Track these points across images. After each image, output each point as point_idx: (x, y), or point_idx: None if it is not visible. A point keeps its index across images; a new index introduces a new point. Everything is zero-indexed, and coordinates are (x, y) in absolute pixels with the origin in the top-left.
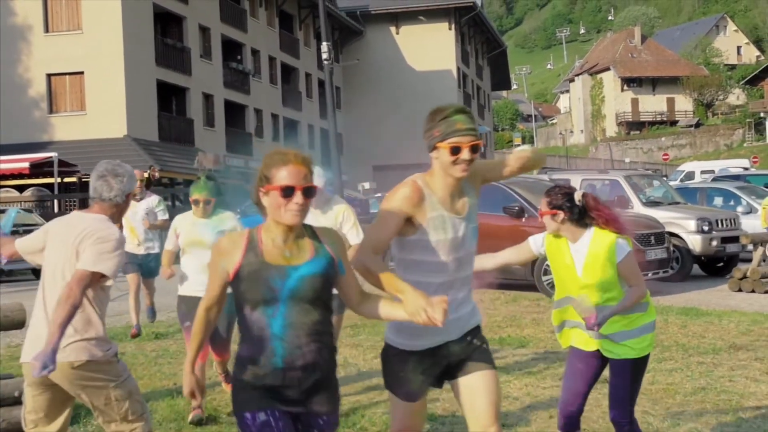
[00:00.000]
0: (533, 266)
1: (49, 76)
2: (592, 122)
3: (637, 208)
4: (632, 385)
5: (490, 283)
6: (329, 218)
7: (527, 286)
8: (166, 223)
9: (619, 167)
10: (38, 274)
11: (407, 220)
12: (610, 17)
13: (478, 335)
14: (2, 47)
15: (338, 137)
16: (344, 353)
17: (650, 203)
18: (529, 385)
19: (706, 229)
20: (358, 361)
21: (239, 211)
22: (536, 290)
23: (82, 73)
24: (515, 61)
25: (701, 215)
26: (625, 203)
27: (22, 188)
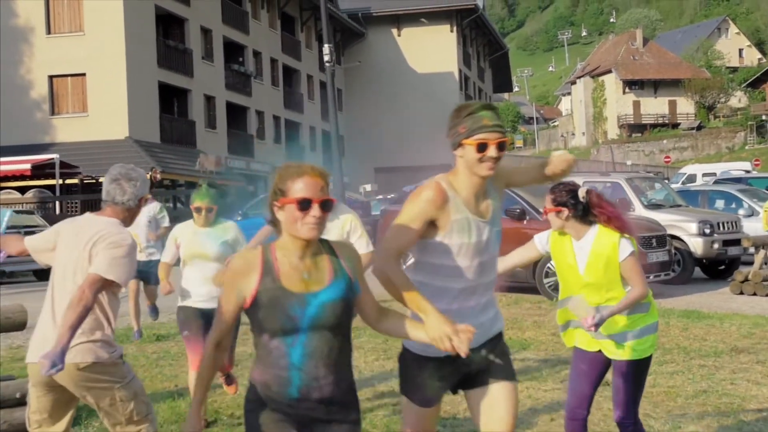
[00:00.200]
0: (534, 268)
1: (50, 77)
2: (593, 125)
3: (638, 210)
4: (635, 386)
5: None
6: (335, 227)
7: (529, 288)
8: (167, 231)
9: (620, 170)
10: (40, 276)
11: (430, 222)
12: (611, 20)
13: (500, 344)
14: (4, 49)
15: (340, 139)
16: None
17: (652, 206)
18: (530, 387)
19: (707, 231)
20: (359, 363)
21: (240, 213)
22: (537, 293)
23: (83, 74)
24: (517, 63)
25: (703, 218)
26: (626, 206)
27: (23, 190)
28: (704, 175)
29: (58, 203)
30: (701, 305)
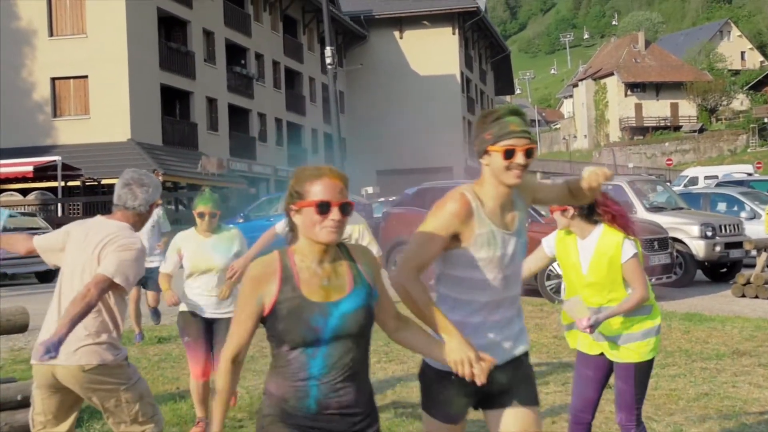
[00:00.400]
0: None
1: (53, 79)
2: (595, 127)
3: (640, 213)
4: (637, 388)
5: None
6: (344, 236)
7: (530, 290)
8: (168, 236)
9: (622, 172)
10: (42, 278)
11: (453, 235)
12: (614, 22)
13: (524, 364)
14: (6, 51)
15: (341, 141)
16: None
17: (654, 208)
18: None
19: (709, 234)
20: None
21: (242, 215)
22: (539, 295)
23: (86, 77)
24: (519, 65)
25: (705, 221)
26: (628, 208)
27: (25, 192)
28: (706, 177)
29: (60, 205)
30: (703, 308)
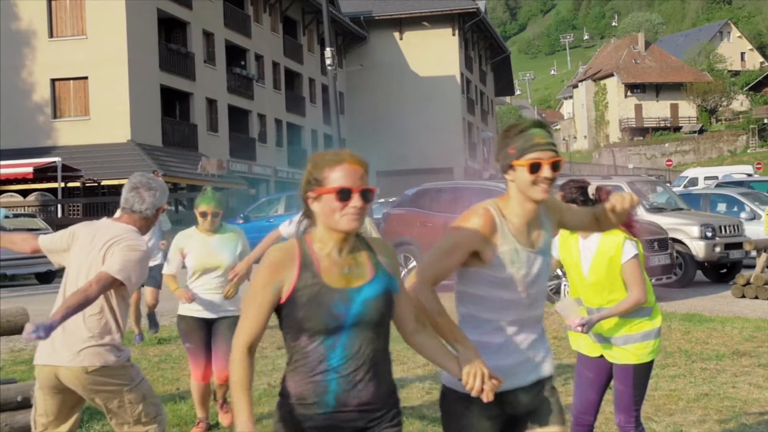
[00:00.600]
0: None
1: (53, 81)
2: (595, 128)
3: (640, 214)
4: (635, 390)
5: None
6: None
7: None
8: (169, 235)
9: (622, 173)
10: (41, 279)
11: (474, 252)
12: (613, 23)
13: (550, 385)
14: (6, 52)
15: (341, 142)
16: None
17: (654, 209)
18: None
19: (709, 235)
20: None
21: (242, 216)
22: None
23: (86, 78)
24: (519, 66)
25: (705, 221)
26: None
27: (25, 193)
28: (706, 178)
29: (59, 206)
30: (703, 308)
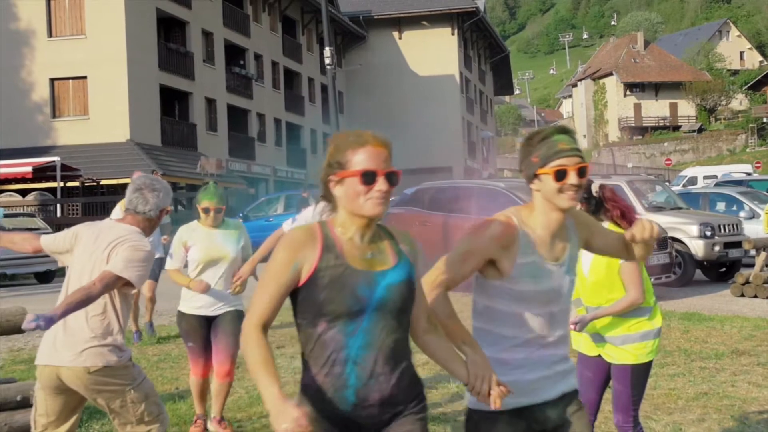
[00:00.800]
0: None
1: (52, 80)
2: (594, 127)
3: (639, 213)
4: (634, 390)
5: None
6: None
7: None
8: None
9: (621, 172)
10: (41, 278)
11: (489, 261)
12: (612, 22)
13: (575, 400)
14: (5, 51)
15: None
16: None
17: (653, 208)
18: None
19: (708, 234)
20: None
21: (241, 215)
22: None
23: (85, 77)
24: (518, 66)
25: (704, 220)
26: None
27: (25, 192)
28: (705, 177)
29: (59, 206)
30: (702, 307)
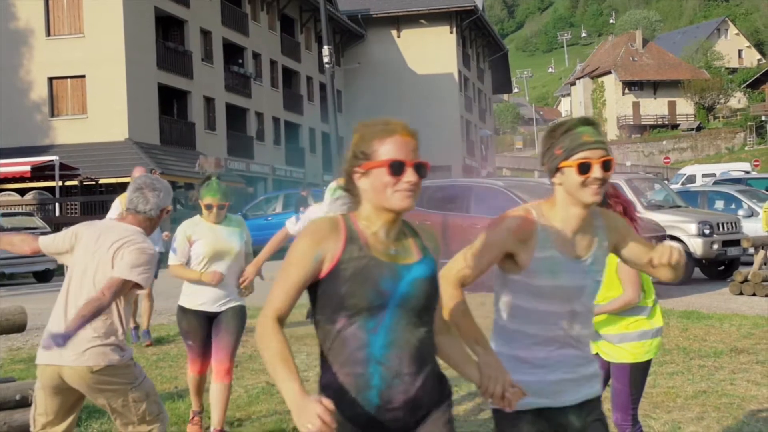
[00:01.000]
0: None
1: (50, 79)
2: None
3: (639, 211)
4: (632, 388)
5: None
6: None
7: None
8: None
9: (620, 170)
10: (40, 278)
11: (508, 255)
12: (611, 21)
13: (599, 409)
14: (4, 51)
15: (339, 140)
16: None
17: (651, 206)
18: None
19: (707, 232)
20: None
21: (240, 214)
22: None
23: (83, 76)
24: (516, 64)
25: (702, 218)
26: None
27: (23, 191)
28: (704, 175)
29: (57, 205)
30: (701, 306)
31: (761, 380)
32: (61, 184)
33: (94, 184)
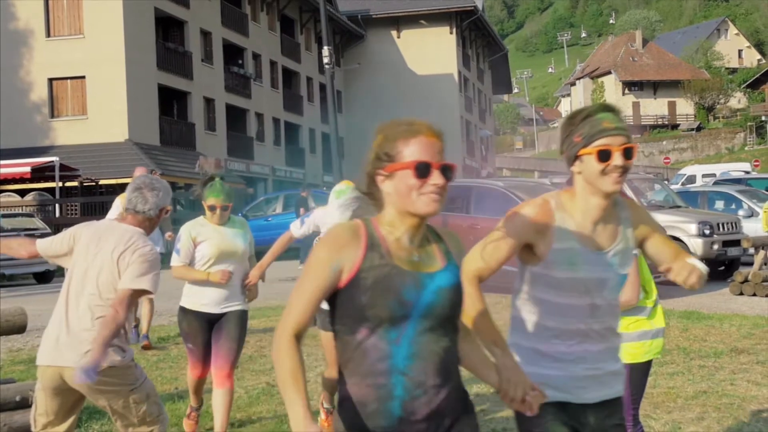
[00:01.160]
0: None
1: (50, 80)
2: None
3: None
4: (633, 389)
5: (497, 287)
6: None
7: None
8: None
9: None
10: (39, 279)
11: (527, 246)
12: (611, 21)
13: (618, 412)
14: (4, 51)
15: (339, 141)
16: None
17: (651, 207)
18: None
19: (707, 232)
20: None
21: (240, 215)
22: None
23: (83, 77)
24: (516, 64)
25: (702, 219)
26: None
27: (23, 192)
28: (704, 176)
29: (57, 206)
30: (701, 306)
31: (761, 380)
32: (61, 185)
33: (94, 184)
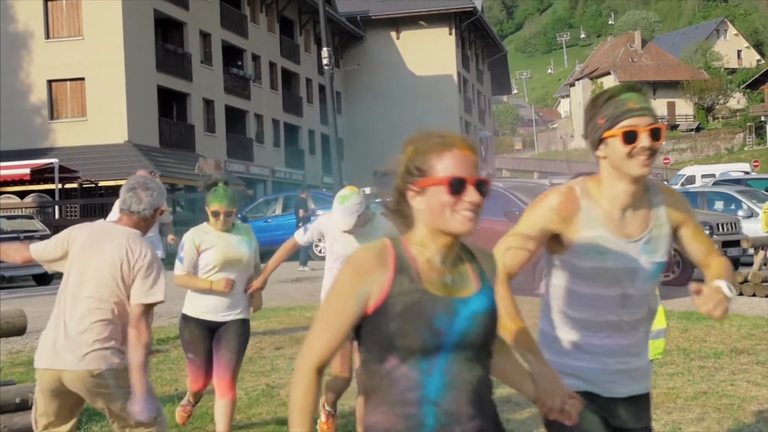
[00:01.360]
0: (534, 269)
1: (49, 82)
2: None
3: None
4: None
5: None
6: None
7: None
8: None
9: None
10: (39, 281)
11: (554, 235)
12: (610, 21)
13: (646, 409)
14: (3, 53)
15: (339, 142)
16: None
17: None
18: None
19: (707, 232)
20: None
21: (240, 216)
22: (538, 295)
23: (82, 79)
24: (516, 65)
25: (702, 219)
26: None
27: (23, 194)
28: (703, 176)
29: (57, 208)
30: None
31: (761, 381)
32: (60, 186)
33: (93, 186)
